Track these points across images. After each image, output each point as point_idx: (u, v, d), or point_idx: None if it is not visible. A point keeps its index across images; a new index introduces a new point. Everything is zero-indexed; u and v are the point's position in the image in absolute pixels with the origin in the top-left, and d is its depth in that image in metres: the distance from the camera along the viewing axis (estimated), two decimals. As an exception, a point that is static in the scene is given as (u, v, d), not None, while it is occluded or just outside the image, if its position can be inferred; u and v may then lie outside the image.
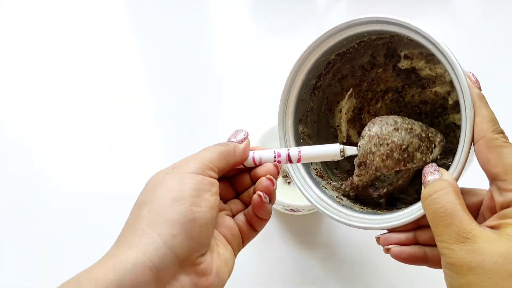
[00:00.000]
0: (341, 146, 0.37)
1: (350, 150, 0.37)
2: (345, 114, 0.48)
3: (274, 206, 0.53)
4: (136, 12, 0.74)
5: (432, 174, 0.33)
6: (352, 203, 0.42)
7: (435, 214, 0.30)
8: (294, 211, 0.52)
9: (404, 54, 0.45)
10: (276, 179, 0.37)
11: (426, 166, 0.34)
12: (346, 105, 0.48)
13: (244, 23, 0.72)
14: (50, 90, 0.65)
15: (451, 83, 0.43)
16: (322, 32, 0.39)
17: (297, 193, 0.53)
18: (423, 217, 0.33)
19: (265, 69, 0.65)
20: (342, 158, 0.37)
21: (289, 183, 0.54)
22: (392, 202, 0.44)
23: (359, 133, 0.47)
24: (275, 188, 0.37)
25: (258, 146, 0.39)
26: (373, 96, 0.48)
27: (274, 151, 0.37)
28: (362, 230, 0.52)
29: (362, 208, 0.41)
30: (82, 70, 0.67)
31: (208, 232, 0.32)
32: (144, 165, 0.58)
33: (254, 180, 0.38)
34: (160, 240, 0.29)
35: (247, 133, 0.38)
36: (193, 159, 0.34)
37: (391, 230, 0.36)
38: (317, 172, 0.44)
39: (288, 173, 0.54)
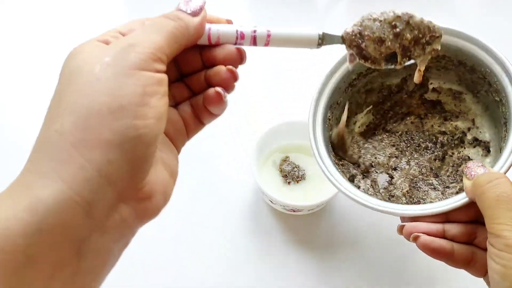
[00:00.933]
0: (321, 32, 0.30)
1: (331, 39, 0.31)
2: (358, 127, 0.49)
3: (274, 206, 0.53)
4: (136, 12, 0.74)
5: (480, 168, 0.34)
6: (370, 195, 0.42)
7: (498, 197, 0.31)
8: (294, 211, 0.52)
9: (433, 87, 0.47)
10: (237, 67, 0.30)
11: (471, 162, 0.35)
12: (361, 119, 0.49)
13: (243, 23, 0.72)
14: (51, 90, 0.65)
15: (473, 120, 0.45)
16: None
17: (297, 193, 0.54)
18: (456, 210, 0.35)
19: (264, 69, 0.65)
20: (319, 47, 0.30)
21: (289, 183, 0.54)
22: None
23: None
24: (237, 80, 0.29)
25: (213, 16, 0.30)
26: (393, 115, 0.49)
27: (237, 30, 0.29)
28: (362, 230, 0.53)
29: (384, 199, 0.42)
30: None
31: (154, 149, 0.25)
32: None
33: (207, 63, 0.30)
34: (92, 168, 0.22)
35: (204, 1, 0.29)
36: (135, 45, 0.24)
37: (415, 220, 0.36)
38: (335, 158, 0.44)
39: (288, 173, 0.54)
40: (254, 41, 0.29)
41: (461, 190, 0.36)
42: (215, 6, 0.74)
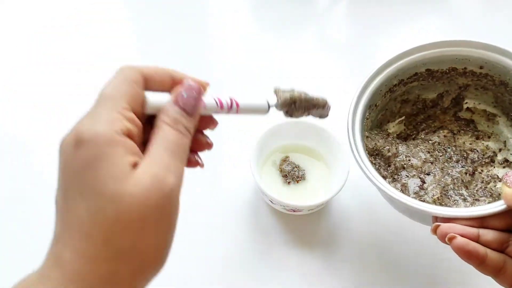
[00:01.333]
0: (268, 102, 0.38)
1: (272, 108, 0.39)
2: (389, 134, 0.50)
3: (274, 206, 0.53)
4: (136, 12, 0.74)
5: None
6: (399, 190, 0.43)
7: None
8: (294, 211, 0.52)
9: (467, 107, 0.48)
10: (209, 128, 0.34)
11: (511, 171, 0.36)
12: (393, 128, 0.50)
13: (244, 24, 0.72)
14: (51, 89, 0.65)
15: (504, 142, 0.47)
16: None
17: (297, 193, 0.54)
18: (492, 216, 0.35)
19: (265, 69, 0.65)
20: (267, 112, 0.38)
21: (289, 183, 0.54)
22: None
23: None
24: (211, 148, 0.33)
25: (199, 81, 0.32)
26: (425, 127, 0.50)
27: (216, 104, 0.34)
28: (362, 230, 0.53)
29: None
30: (82, 70, 0.67)
31: None
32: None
33: None
34: None
35: (200, 89, 0.30)
36: (169, 184, 0.26)
37: (447, 221, 0.36)
38: (370, 156, 0.45)
39: (288, 173, 0.54)
40: (229, 110, 0.35)
41: (490, 204, 0.37)
42: (218, 7, 0.74)
